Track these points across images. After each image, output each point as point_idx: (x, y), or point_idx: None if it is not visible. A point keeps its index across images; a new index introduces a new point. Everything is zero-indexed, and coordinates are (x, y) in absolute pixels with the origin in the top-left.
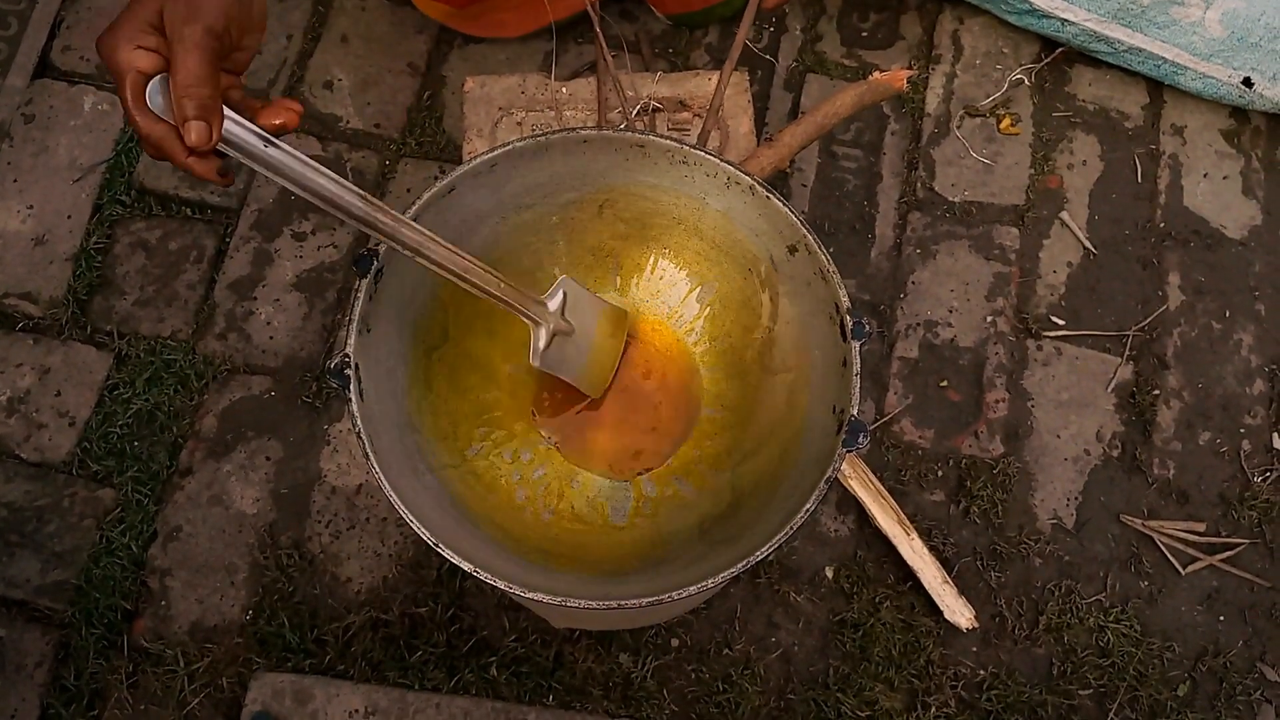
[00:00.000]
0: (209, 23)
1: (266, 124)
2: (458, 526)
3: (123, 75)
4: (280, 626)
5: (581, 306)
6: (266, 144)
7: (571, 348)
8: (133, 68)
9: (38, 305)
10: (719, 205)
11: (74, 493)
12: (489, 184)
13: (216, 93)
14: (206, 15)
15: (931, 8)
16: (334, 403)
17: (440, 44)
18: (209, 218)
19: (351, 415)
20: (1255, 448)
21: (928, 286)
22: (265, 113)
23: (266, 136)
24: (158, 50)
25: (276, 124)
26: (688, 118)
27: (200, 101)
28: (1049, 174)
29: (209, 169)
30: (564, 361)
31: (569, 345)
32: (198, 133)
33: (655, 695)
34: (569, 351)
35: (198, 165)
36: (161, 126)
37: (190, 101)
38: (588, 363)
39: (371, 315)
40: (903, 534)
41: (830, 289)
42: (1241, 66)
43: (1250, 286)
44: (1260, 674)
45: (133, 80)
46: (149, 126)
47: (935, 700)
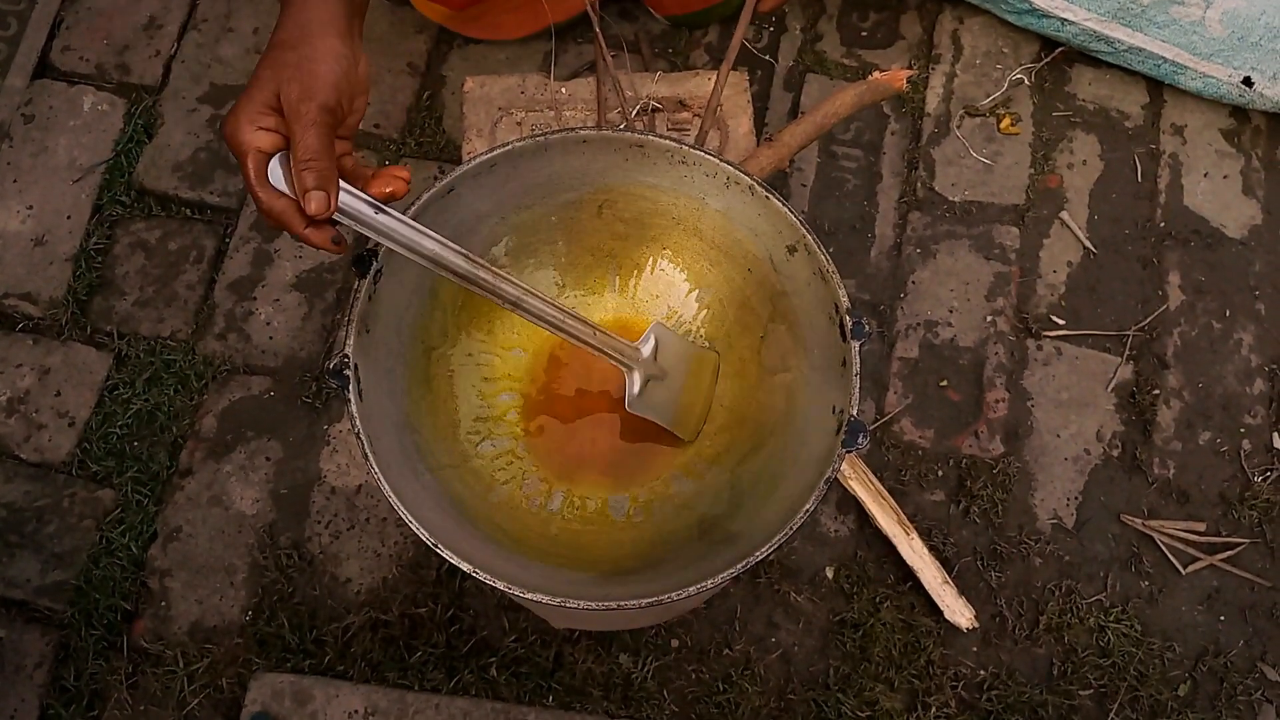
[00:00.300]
0: (323, 100)
1: (377, 193)
2: (457, 527)
3: (245, 154)
4: (280, 627)
5: (672, 351)
6: (377, 211)
7: (664, 392)
8: (254, 147)
9: (37, 305)
10: (718, 205)
11: (74, 493)
12: (488, 184)
13: (333, 164)
14: (320, 93)
15: (931, 7)
16: (334, 403)
17: (440, 44)
18: (209, 218)
19: (350, 416)
20: (1255, 447)
21: (928, 286)
22: (375, 182)
23: (377, 204)
24: (276, 130)
25: (387, 192)
26: (687, 118)
27: (319, 173)
28: (1049, 173)
29: (325, 238)
30: (657, 406)
31: (661, 390)
32: (317, 203)
33: (655, 696)
34: (661, 396)
35: (315, 235)
36: (283, 201)
37: (310, 174)
38: (681, 406)
39: (371, 316)
40: (903, 534)
41: (830, 289)
42: (1242, 66)
43: (1250, 286)
44: (1261, 674)
45: (255, 159)
46: (270, 201)
47: (935, 700)
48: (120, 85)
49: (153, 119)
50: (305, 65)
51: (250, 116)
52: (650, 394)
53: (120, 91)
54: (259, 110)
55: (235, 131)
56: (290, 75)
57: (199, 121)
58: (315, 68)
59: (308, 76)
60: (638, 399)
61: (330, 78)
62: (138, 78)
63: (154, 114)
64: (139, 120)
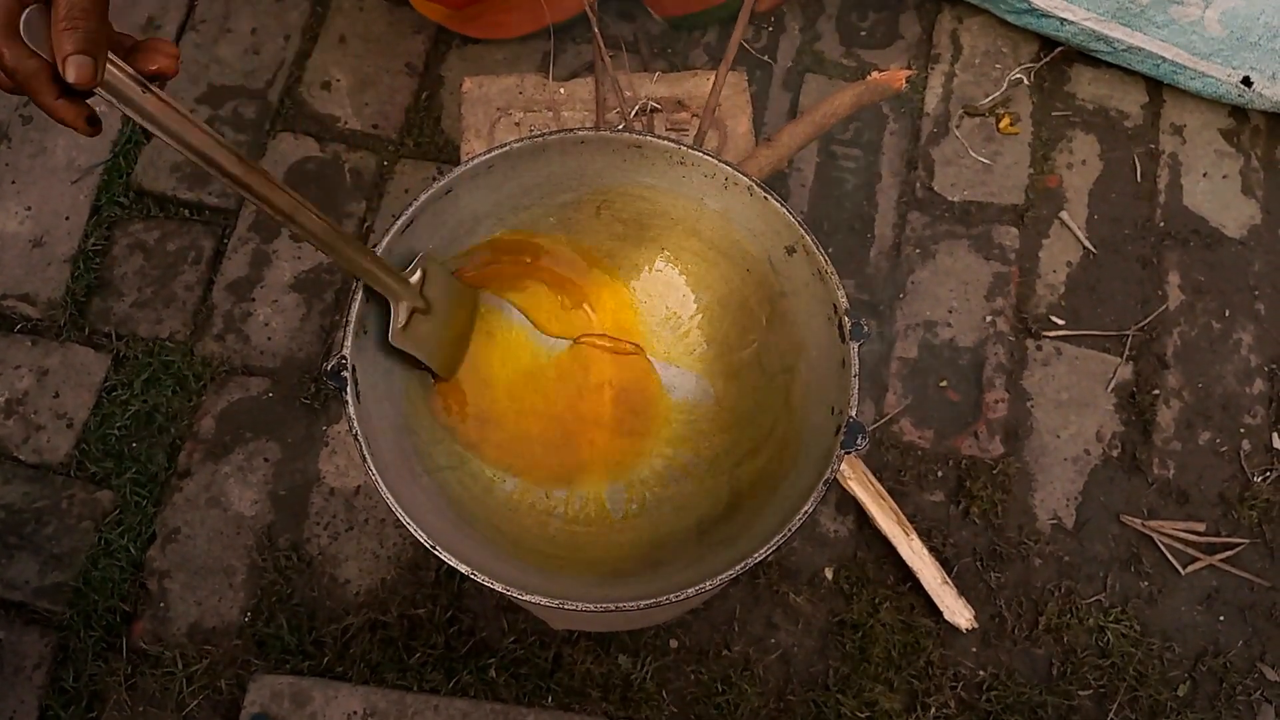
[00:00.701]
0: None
1: (143, 69)
2: (455, 529)
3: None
4: (279, 628)
5: (439, 284)
6: (144, 90)
7: (428, 326)
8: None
9: (36, 306)
10: (717, 206)
11: (72, 494)
12: (486, 185)
13: (104, 27)
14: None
15: (930, 7)
16: (332, 404)
17: (438, 44)
18: (207, 219)
19: (348, 418)
20: (1255, 447)
21: (927, 286)
22: (142, 57)
23: (143, 81)
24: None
25: (152, 69)
26: (686, 118)
27: (87, 35)
28: (1048, 173)
29: (78, 115)
30: (420, 341)
31: (425, 324)
32: (79, 70)
33: (654, 697)
34: (424, 330)
35: (66, 110)
36: (34, 62)
37: (75, 33)
38: (443, 343)
39: (369, 317)
40: (902, 534)
41: (828, 290)
42: (1241, 65)
43: (1250, 286)
44: (1260, 674)
45: (6, 6)
46: (19, 60)
47: (935, 701)
48: None
49: None
50: None
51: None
52: (414, 328)
53: None
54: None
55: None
56: None
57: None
58: None
59: None
60: (400, 332)
61: None
62: None
63: None
64: None
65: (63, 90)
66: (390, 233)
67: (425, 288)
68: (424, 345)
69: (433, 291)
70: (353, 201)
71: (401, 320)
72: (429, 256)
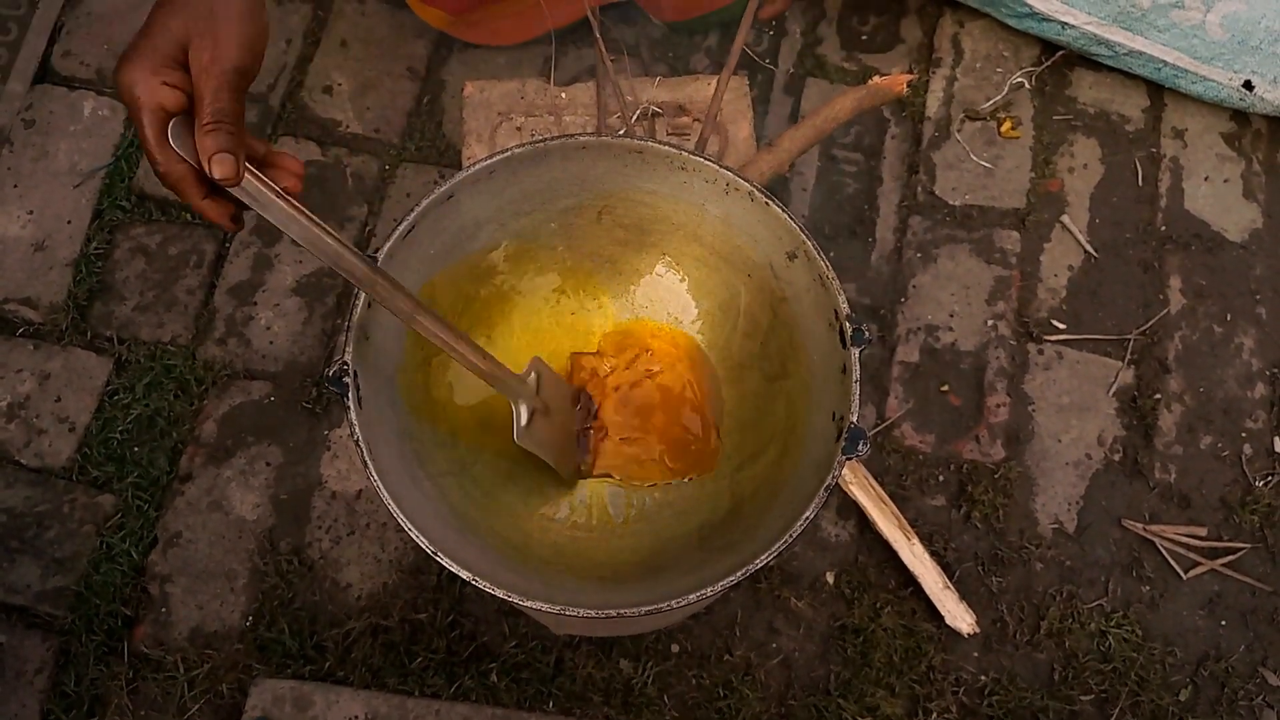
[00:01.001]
0: (238, 62)
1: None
2: (457, 534)
3: (143, 110)
4: (280, 633)
5: (552, 387)
6: (278, 195)
7: (547, 428)
8: (156, 103)
9: (38, 310)
10: (718, 211)
11: (74, 498)
12: (488, 190)
13: (243, 131)
14: (235, 53)
15: (932, 11)
16: (334, 408)
17: (440, 48)
18: (208, 223)
19: (350, 423)
20: (1257, 451)
21: (928, 290)
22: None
23: (276, 189)
24: (181, 88)
25: (283, 186)
26: (687, 122)
27: (228, 134)
28: (1050, 177)
29: (224, 214)
30: (543, 443)
31: (545, 425)
32: (223, 167)
33: (656, 701)
34: (545, 432)
35: (212, 208)
36: (182, 166)
37: (218, 134)
38: (562, 445)
39: (370, 322)
40: (904, 539)
41: (830, 295)
42: (1242, 70)
43: (1251, 290)
44: (1262, 679)
45: (156, 117)
46: (169, 165)
47: (937, 706)
48: None
49: None
50: (218, 20)
51: (152, 67)
52: (536, 428)
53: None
54: (163, 63)
55: (134, 83)
56: (202, 30)
57: None
58: (229, 25)
59: (222, 34)
60: (525, 431)
61: (245, 38)
62: None
63: None
64: None
65: (209, 190)
66: (392, 238)
67: (540, 390)
68: (546, 446)
69: (547, 393)
70: (354, 206)
71: (524, 420)
72: (539, 359)
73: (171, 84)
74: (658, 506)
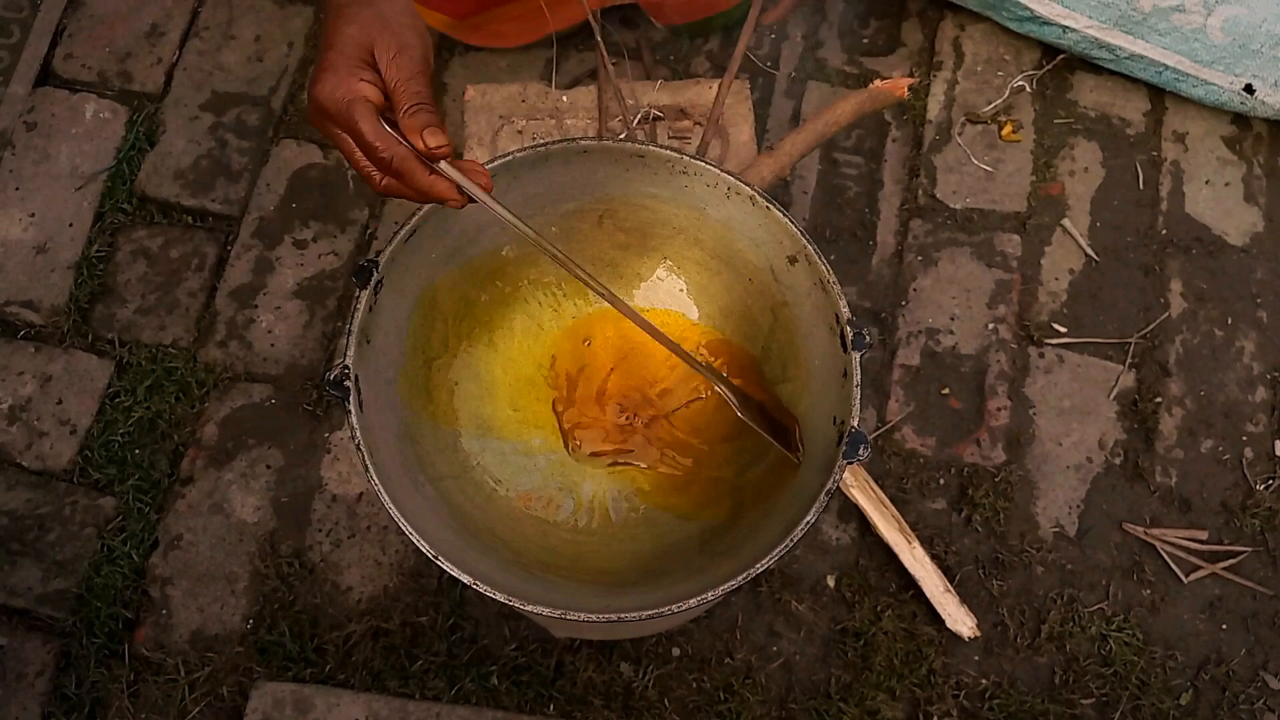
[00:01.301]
0: (421, 50)
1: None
2: (458, 538)
3: (354, 105)
4: (281, 635)
5: None
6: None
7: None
8: (361, 96)
9: (39, 313)
10: (719, 215)
11: (75, 501)
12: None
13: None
14: (414, 44)
15: (933, 14)
16: (335, 411)
17: (441, 51)
18: (210, 225)
19: (351, 427)
20: (1257, 455)
21: (929, 294)
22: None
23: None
24: (376, 84)
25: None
26: (688, 126)
27: (431, 109)
28: (1050, 181)
29: (450, 188)
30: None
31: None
32: (436, 137)
33: (656, 705)
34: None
35: (440, 184)
36: (403, 148)
37: (422, 115)
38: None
39: (371, 326)
40: (904, 542)
41: (830, 299)
42: (1243, 73)
43: (1252, 293)
44: (1263, 683)
45: (364, 109)
46: (392, 148)
47: (937, 710)
48: (122, 93)
49: (155, 126)
50: (394, 20)
51: (347, 70)
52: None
53: (122, 99)
54: (355, 65)
55: (334, 90)
56: (382, 29)
57: (201, 129)
58: (401, 21)
59: (398, 29)
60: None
61: (419, 29)
62: (140, 85)
63: (156, 121)
64: (141, 128)
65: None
66: (394, 242)
67: None
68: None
69: None
70: (355, 209)
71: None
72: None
73: (368, 80)
74: (659, 510)
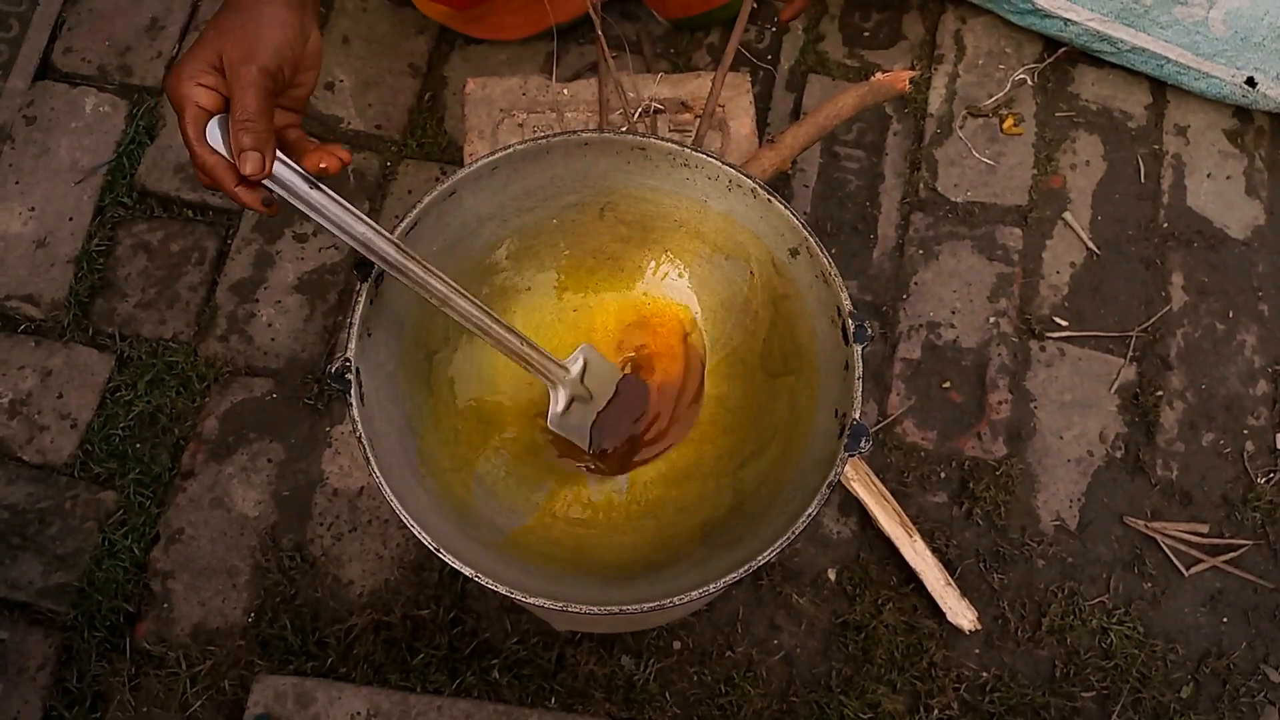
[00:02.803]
0: (264, 63)
1: (311, 167)
2: (459, 530)
3: (183, 109)
4: (282, 629)
5: (600, 373)
6: (311, 186)
7: (587, 414)
8: (193, 102)
9: (39, 307)
10: (721, 208)
11: (76, 495)
12: (490, 187)
13: (270, 127)
14: (261, 56)
15: (934, 7)
16: (336, 405)
17: (441, 44)
18: (210, 219)
19: (352, 420)
20: (1259, 449)
21: (930, 287)
22: (311, 156)
23: (311, 179)
24: (216, 89)
25: (321, 167)
26: (689, 119)
27: (255, 135)
28: (1052, 174)
29: (255, 199)
30: (580, 427)
31: (585, 411)
32: (252, 164)
33: (657, 698)
34: (584, 418)
35: (245, 195)
36: (216, 158)
37: (246, 135)
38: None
39: (372, 319)
40: (905, 536)
41: (832, 292)
42: (1245, 66)
43: (1253, 287)
44: (1264, 676)
45: (193, 114)
46: (205, 156)
47: (938, 702)
48: (122, 87)
49: (154, 120)
50: (250, 28)
51: (191, 73)
52: (573, 414)
53: (122, 93)
54: (200, 68)
55: (176, 86)
56: (234, 37)
57: None
58: (260, 32)
59: (251, 39)
60: (560, 417)
61: (273, 43)
62: (139, 79)
63: (156, 115)
64: (141, 122)
65: (240, 179)
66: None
67: (587, 376)
68: (578, 429)
69: (593, 380)
70: (356, 203)
71: (561, 406)
72: (590, 346)
73: (206, 85)
74: (660, 502)
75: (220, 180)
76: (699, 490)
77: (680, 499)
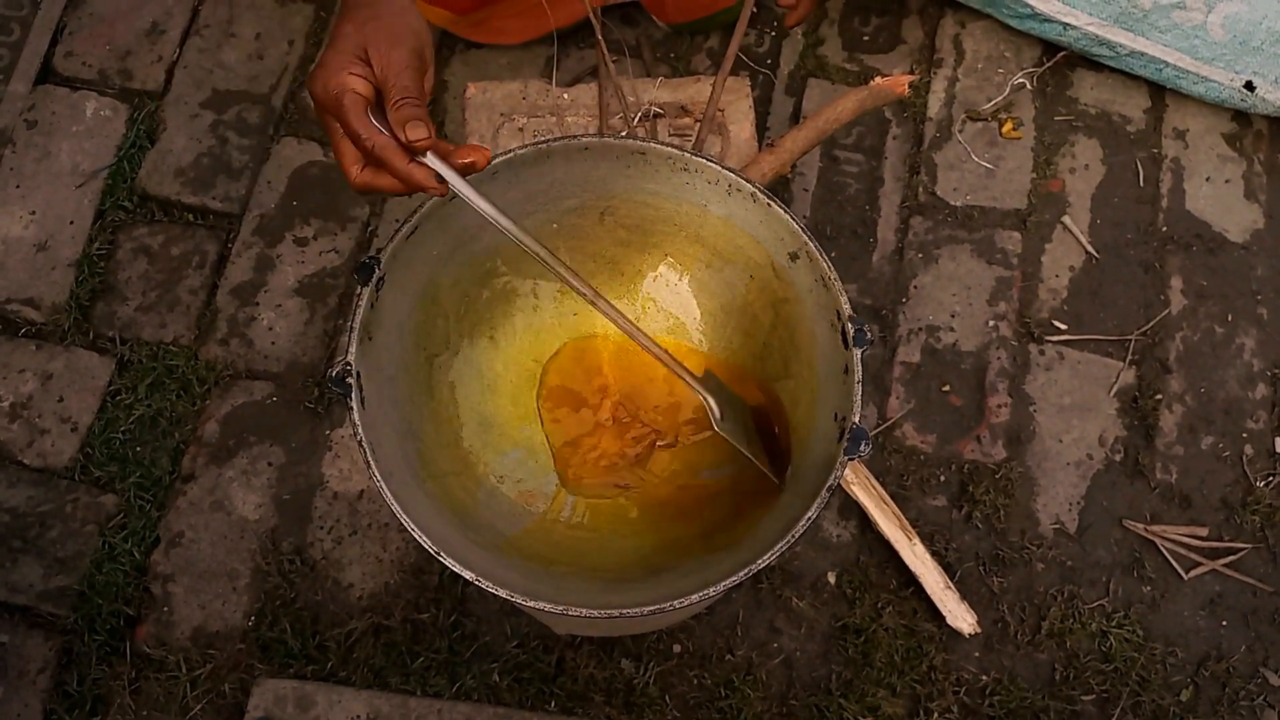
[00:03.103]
0: (412, 46)
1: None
2: (459, 534)
3: (342, 96)
4: (282, 632)
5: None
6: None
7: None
8: (350, 90)
9: (40, 311)
10: (720, 212)
11: (76, 498)
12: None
13: (425, 102)
14: (407, 40)
15: (933, 12)
16: (336, 408)
17: (441, 49)
18: (211, 223)
19: (353, 423)
20: (1258, 452)
21: (930, 291)
22: (459, 151)
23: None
24: (367, 78)
25: (466, 162)
26: (689, 123)
27: (416, 107)
28: (1051, 178)
29: (428, 175)
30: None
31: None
32: (415, 130)
33: (657, 701)
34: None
35: (418, 172)
36: (384, 138)
37: (408, 107)
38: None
39: (373, 323)
40: (905, 539)
41: (831, 296)
42: (1243, 70)
43: (1252, 290)
44: (1263, 679)
45: (352, 99)
46: (374, 137)
47: (938, 706)
48: (123, 91)
49: (155, 124)
50: (386, 19)
51: (341, 64)
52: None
53: (123, 97)
54: (348, 60)
55: (328, 79)
56: (376, 28)
57: (201, 127)
58: (398, 20)
59: (392, 28)
60: (723, 423)
61: (413, 28)
62: (140, 83)
63: (156, 119)
64: (141, 126)
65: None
66: (395, 239)
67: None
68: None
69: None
70: (356, 207)
71: (719, 412)
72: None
73: (359, 75)
74: (660, 506)
75: (390, 159)
76: (699, 494)
77: (680, 502)
